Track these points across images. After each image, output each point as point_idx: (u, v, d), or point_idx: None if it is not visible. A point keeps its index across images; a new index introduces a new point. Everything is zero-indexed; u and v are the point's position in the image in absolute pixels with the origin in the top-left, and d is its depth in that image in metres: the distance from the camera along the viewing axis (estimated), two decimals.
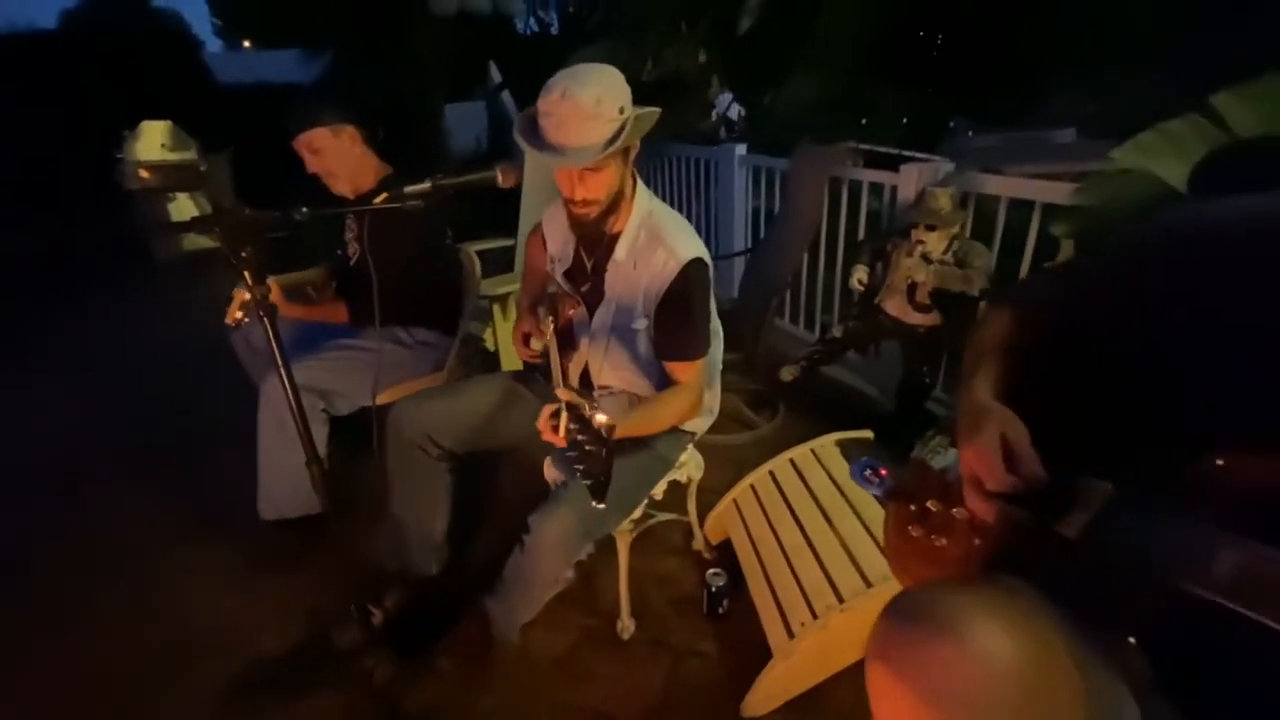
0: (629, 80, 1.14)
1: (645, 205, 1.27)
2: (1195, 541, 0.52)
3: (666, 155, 3.97)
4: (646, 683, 1.41)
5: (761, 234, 3.20)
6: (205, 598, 1.68)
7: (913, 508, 0.83)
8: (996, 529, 0.68)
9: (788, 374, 2.30)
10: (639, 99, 1.15)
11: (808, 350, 2.27)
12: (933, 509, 0.79)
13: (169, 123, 4.62)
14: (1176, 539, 0.53)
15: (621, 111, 1.09)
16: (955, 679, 0.46)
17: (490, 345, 2.44)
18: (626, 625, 1.51)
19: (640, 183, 1.28)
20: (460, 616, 1.44)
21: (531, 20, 8.18)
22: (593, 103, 1.05)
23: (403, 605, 1.48)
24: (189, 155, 5.11)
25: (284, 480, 1.65)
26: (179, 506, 2.03)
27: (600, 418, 0.97)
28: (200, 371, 2.92)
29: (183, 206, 5.31)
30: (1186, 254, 0.64)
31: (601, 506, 0.97)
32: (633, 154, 1.20)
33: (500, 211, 2.63)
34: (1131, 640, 0.57)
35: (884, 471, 0.86)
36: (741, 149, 3.29)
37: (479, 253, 2.09)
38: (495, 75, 7.06)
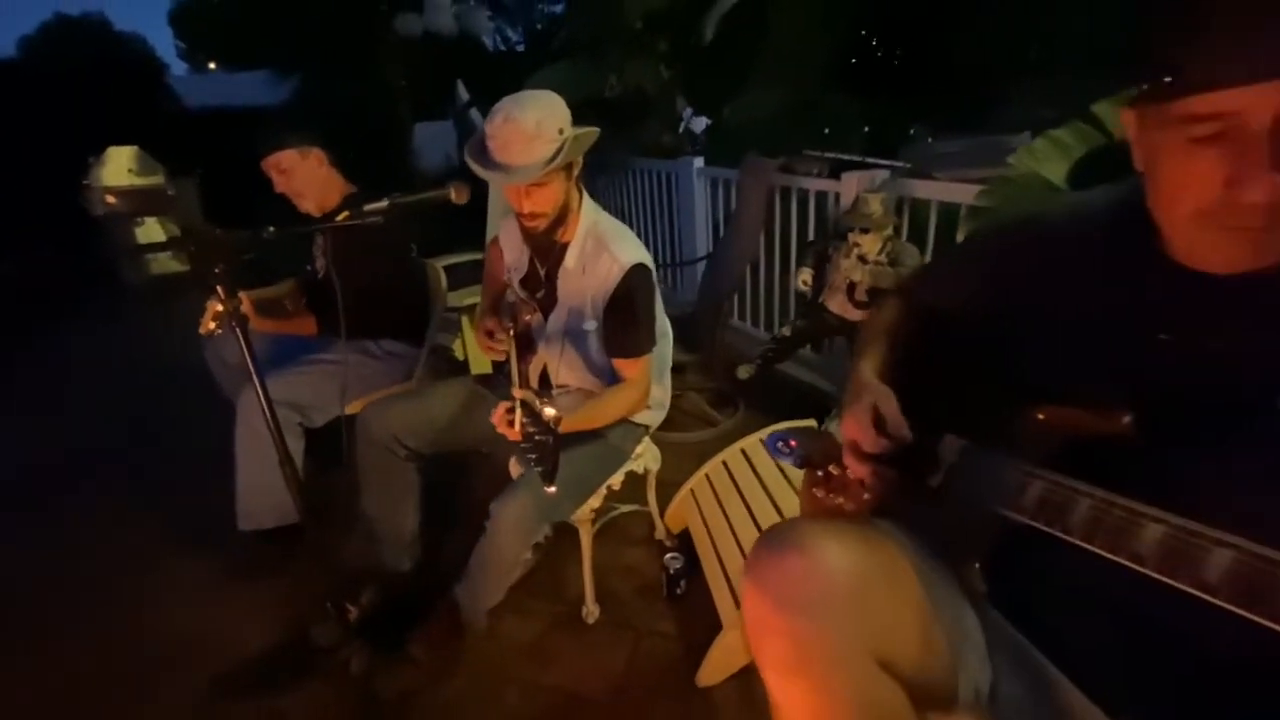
0: (593, 97, 1.26)
1: (591, 216, 1.39)
2: (1011, 478, 0.64)
3: (632, 169, 4.11)
4: (610, 662, 1.50)
5: None
6: (185, 607, 1.74)
7: (819, 473, 0.94)
8: (879, 484, 0.80)
9: (744, 372, 2.42)
10: (603, 116, 1.26)
11: (762, 349, 2.40)
12: (834, 472, 0.90)
13: (135, 148, 4.64)
14: (999, 477, 0.65)
15: (561, 132, 1.21)
16: (799, 587, 0.57)
17: (460, 355, 2.52)
18: (591, 610, 1.61)
19: (586, 196, 1.40)
20: (432, 609, 1.53)
21: (498, 39, 8.31)
22: (533, 125, 1.17)
23: (377, 601, 1.55)
24: (156, 180, 5.11)
25: (261, 491, 1.70)
26: (156, 522, 2.08)
27: (549, 411, 1.08)
28: (173, 391, 2.98)
29: (150, 231, 5.31)
30: (1019, 244, 0.77)
31: (552, 490, 1.07)
32: (576, 170, 1.32)
33: (468, 227, 2.74)
34: (976, 565, 0.68)
35: (794, 443, 0.97)
36: (699, 162, 3.44)
37: (450, 266, 2.19)
38: (463, 94, 7.16)
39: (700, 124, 5.66)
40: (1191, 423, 0.59)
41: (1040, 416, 0.68)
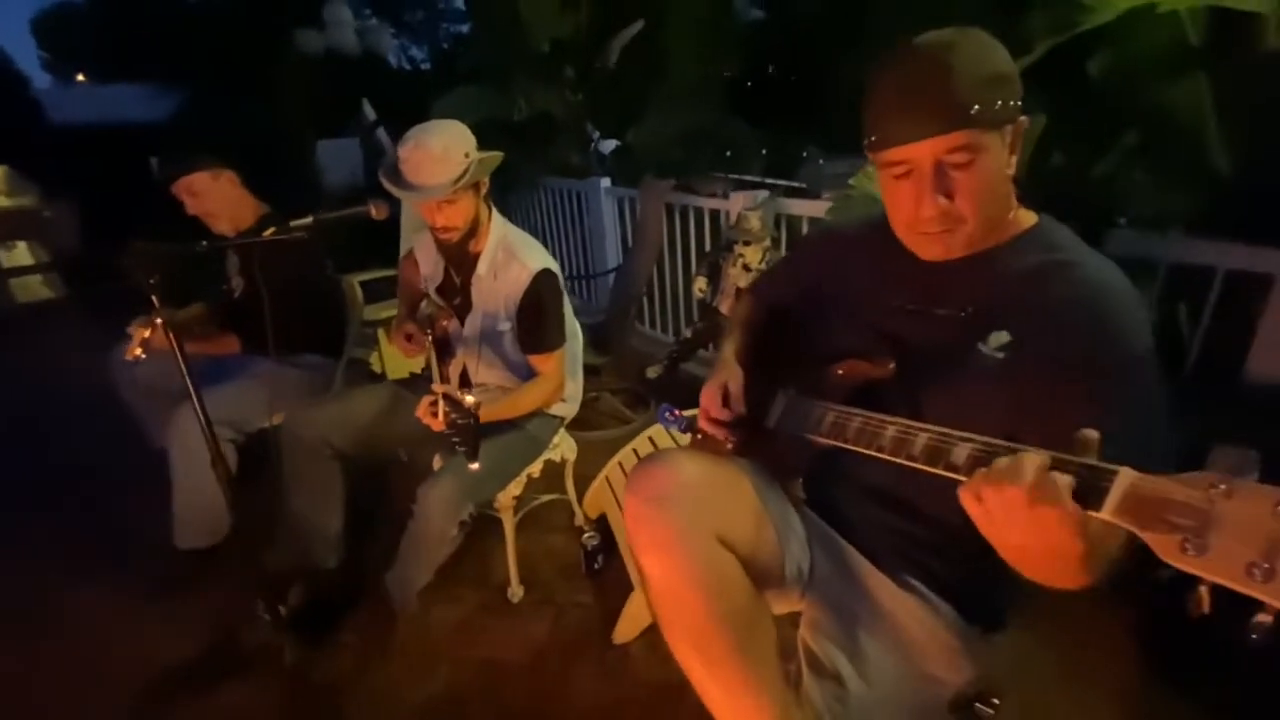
0: (502, 121, 1.43)
1: (500, 229, 1.56)
2: (815, 413, 0.87)
3: (544, 188, 4.30)
4: (533, 632, 1.64)
5: None
6: (118, 623, 1.72)
7: (699, 436, 1.16)
8: (732, 438, 1.01)
9: (653, 372, 2.65)
10: (513, 137, 1.43)
11: (668, 351, 2.63)
12: (708, 432, 1.12)
13: (3, 168, 4.33)
14: (809, 415, 0.89)
15: (467, 155, 1.39)
16: (659, 486, 0.78)
17: (377, 367, 2.60)
18: (516, 590, 1.75)
19: (495, 211, 1.57)
20: (361, 600, 1.62)
21: (403, 58, 8.27)
22: (441, 150, 1.34)
23: (306, 597, 1.62)
24: (27, 201, 4.78)
25: (197, 510, 1.73)
26: (75, 548, 2.04)
27: (469, 398, 1.24)
28: (73, 415, 2.85)
29: (19, 254, 4.93)
30: (825, 248, 1.03)
31: (476, 467, 1.23)
32: (484, 189, 1.49)
33: (379, 245, 2.83)
34: (800, 480, 0.92)
35: (679, 412, 1.19)
36: (606, 182, 3.68)
37: (365, 282, 2.28)
38: (369, 113, 7.09)
39: (610, 145, 5.93)
40: (928, 363, 0.84)
41: (840, 371, 0.93)
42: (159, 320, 1.11)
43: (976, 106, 0.69)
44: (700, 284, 2.47)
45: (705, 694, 0.73)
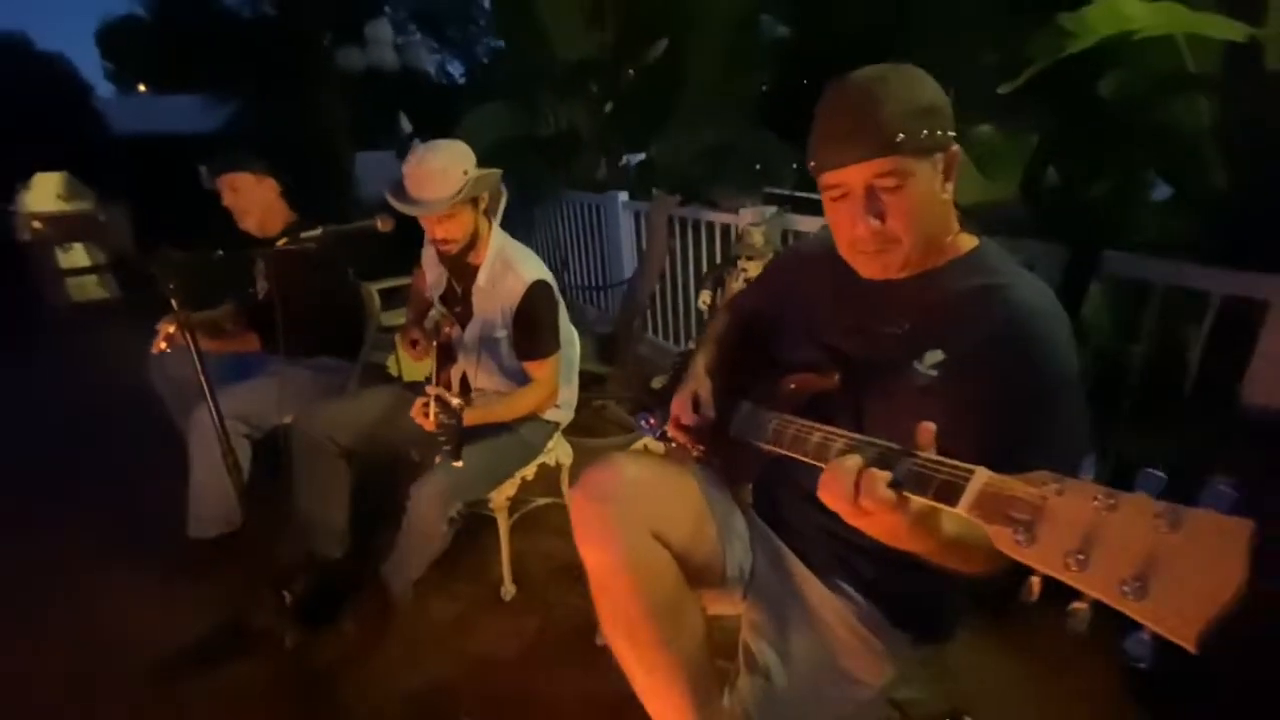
0: (528, 136, 1.51)
1: (499, 242, 1.65)
2: (762, 421, 0.92)
3: (565, 201, 4.42)
4: (524, 629, 1.71)
5: None
6: (128, 605, 1.84)
7: (673, 445, 1.21)
8: (698, 443, 1.06)
9: (657, 383, 2.69)
10: (538, 153, 1.52)
11: (672, 361, 2.68)
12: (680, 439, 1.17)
13: (64, 174, 4.64)
14: (758, 423, 0.93)
15: (465, 173, 1.48)
16: (600, 483, 0.84)
17: (394, 371, 2.71)
18: (509, 589, 1.81)
19: (495, 225, 1.66)
20: (363, 591, 1.71)
21: (439, 71, 8.56)
22: (440, 167, 1.44)
23: (311, 586, 1.71)
24: (85, 205, 5.10)
25: (211, 500, 1.84)
26: (93, 528, 2.17)
27: (454, 400, 1.33)
28: (107, 408, 3.03)
29: (75, 255, 5.26)
30: (789, 265, 1.08)
31: (459, 464, 1.31)
32: (483, 204, 1.59)
33: (404, 255, 2.95)
34: (750, 485, 0.96)
35: (653, 420, 1.25)
36: (624, 196, 3.77)
37: (389, 290, 2.39)
38: (406, 125, 7.37)
39: (637, 160, 6.03)
40: (868, 378, 0.88)
41: (792, 384, 0.97)
42: (171, 328, 1.21)
43: (902, 135, 0.74)
44: (705, 297, 2.52)
45: (632, 679, 0.79)
